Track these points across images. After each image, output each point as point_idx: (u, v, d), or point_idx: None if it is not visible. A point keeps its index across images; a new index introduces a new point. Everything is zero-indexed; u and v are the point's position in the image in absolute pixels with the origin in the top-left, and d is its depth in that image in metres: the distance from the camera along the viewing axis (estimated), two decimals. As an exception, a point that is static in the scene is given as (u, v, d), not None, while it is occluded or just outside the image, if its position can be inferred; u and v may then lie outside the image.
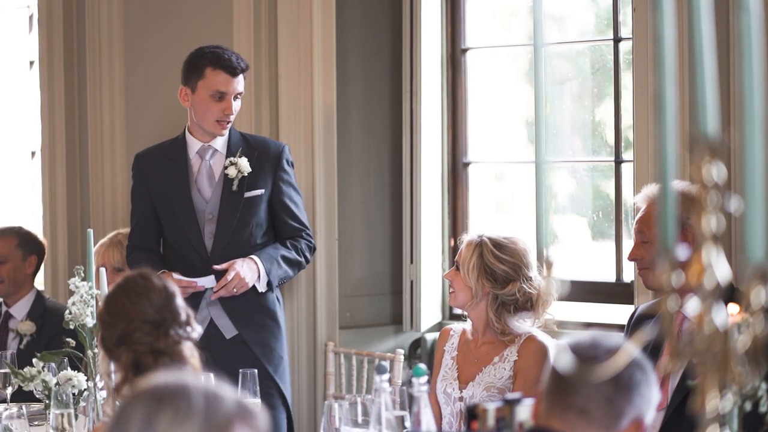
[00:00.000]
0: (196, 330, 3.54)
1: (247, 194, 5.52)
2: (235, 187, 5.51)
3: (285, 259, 5.53)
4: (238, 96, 5.50)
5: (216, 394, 2.09)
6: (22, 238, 6.45)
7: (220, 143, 5.56)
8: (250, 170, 5.50)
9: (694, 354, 1.88)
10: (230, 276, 5.36)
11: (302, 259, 5.60)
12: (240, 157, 5.51)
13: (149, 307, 3.46)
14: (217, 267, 5.39)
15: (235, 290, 5.39)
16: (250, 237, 5.51)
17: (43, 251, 6.55)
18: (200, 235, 5.51)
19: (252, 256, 5.46)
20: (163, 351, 3.44)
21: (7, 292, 6.39)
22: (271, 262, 5.49)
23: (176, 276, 5.37)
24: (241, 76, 5.49)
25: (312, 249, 5.66)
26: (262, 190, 5.54)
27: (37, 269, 6.50)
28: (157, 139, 6.36)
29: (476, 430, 3.05)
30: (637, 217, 4.57)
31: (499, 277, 4.63)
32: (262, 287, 5.48)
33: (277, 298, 5.62)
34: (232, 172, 5.50)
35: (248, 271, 5.41)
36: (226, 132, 5.53)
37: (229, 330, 5.50)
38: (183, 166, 5.57)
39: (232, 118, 5.49)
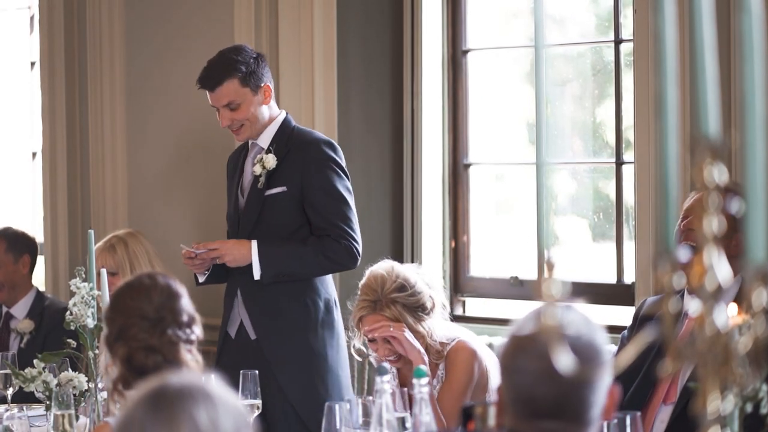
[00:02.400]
0: (196, 332, 3.53)
1: (269, 192, 5.16)
2: (260, 185, 5.17)
3: (293, 252, 5.12)
4: (231, 105, 5.13)
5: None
6: (9, 240, 6.38)
7: (264, 139, 5.22)
8: (274, 167, 5.14)
9: (695, 355, 1.88)
10: (214, 245, 5.11)
11: (319, 258, 5.12)
12: (268, 153, 5.18)
13: (148, 305, 3.46)
14: (209, 244, 5.14)
15: (213, 259, 5.10)
16: (274, 238, 5.14)
17: (35, 247, 6.48)
18: (236, 234, 5.27)
19: (251, 240, 5.14)
20: (156, 349, 3.43)
21: (9, 298, 6.37)
22: (272, 255, 5.12)
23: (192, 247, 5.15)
24: (223, 88, 5.11)
25: (348, 250, 5.16)
26: (284, 188, 5.14)
27: (33, 266, 6.47)
28: (157, 140, 6.35)
29: (473, 430, 3.04)
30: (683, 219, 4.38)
31: (426, 305, 4.64)
32: (257, 274, 5.13)
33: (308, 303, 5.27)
34: (257, 169, 5.17)
35: (235, 250, 5.11)
36: (243, 138, 5.26)
37: (251, 330, 5.32)
38: (241, 165, 5.33)
39: (228, 124, 5.16)
